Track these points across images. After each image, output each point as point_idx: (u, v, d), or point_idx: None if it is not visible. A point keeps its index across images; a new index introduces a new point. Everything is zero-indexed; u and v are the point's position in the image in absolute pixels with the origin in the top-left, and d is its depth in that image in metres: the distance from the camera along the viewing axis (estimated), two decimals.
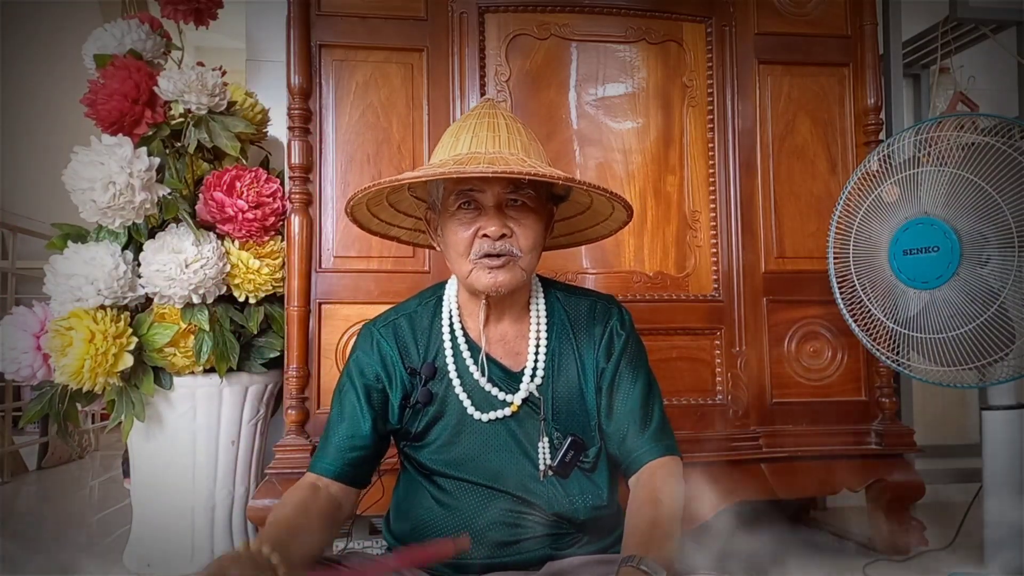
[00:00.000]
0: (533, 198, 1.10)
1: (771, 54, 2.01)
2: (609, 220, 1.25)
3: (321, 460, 1.13)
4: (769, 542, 1.69)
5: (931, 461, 2.32)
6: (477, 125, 1.10)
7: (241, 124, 1.88)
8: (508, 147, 1.08)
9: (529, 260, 1.11)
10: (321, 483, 1.11)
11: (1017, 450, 1.57)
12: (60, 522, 2.37)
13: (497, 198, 1.08)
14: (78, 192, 1.73)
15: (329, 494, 1.10)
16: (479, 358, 1.15)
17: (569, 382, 1.16)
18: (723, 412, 1.93)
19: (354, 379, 1.16)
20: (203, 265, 1.75)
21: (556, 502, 1.11)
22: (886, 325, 1.64)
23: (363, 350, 1.18)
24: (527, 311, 1.18)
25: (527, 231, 1.09)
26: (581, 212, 1.25)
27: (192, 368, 1.81)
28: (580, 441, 1.12)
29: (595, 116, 1.93)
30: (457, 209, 1.09)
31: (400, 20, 1.88)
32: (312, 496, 1.08)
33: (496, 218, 1.07)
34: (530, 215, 1.10)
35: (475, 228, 1.08)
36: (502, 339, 1.17)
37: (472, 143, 1.08)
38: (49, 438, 3.26)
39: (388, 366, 1.16)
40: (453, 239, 1.10)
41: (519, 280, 1.10)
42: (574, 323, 1.19)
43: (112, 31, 1.92)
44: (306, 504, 1.06)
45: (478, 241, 1.08)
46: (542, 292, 1.20)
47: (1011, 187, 1.43)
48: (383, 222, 1.28)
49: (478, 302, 1.15)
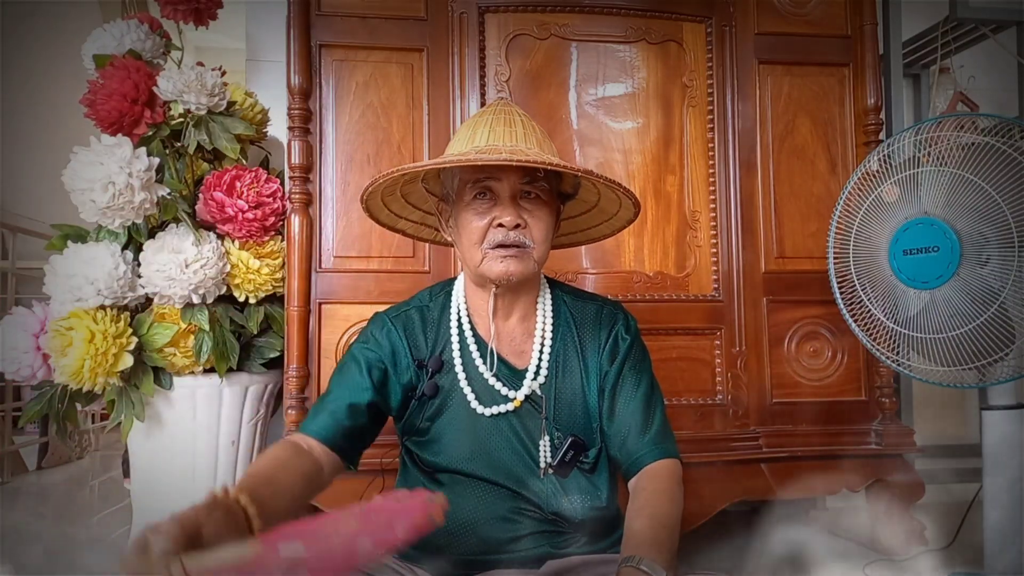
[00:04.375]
0: (546, 191, 1.12)
1: (771, 54, 2.02)
2: (614, 219, 1.27)
3: (313, 422, 1.10)
4: (769, 542, 1.69)
5: (931, 461, 2.32)
6: (494, 120, 1.13)
7: (241, 125, 1.88)
8: (524, 142, 1.10)
9: (540, 252, 1.12)
10: (307, 444, 1.08)
11: (1017, 450, 1.57)
12: (60, 522, 2.37)
13: (513, 189, 1.10)
14: (78, 192, 1.72)
15: (313, 458, 1.06)
16: (486, 353, 1.16)
17: (572, 383, 1.17)
18: (723, 412, 1.93)
19: (358, 355, 1.16)
20: (203, 265, 1.75)
21: (554, 500, 1.12)
22: (886, 325, 1.64)
23: (373, 334, 1.19)
24: (534, 310, 1.19)
25: (540, 223, 1.11)
26: (586, 211, 1.27)
27: (192, 368, 1.81)
28: (580, 442, 1.13)
29: (595, 116, 1.94)
30: (473, 199, 1.11)
31: (400, 20, 1.88)
32: (296, 454, 1.05)
33: (512, 208, 1.09)
34: (543, 208, 1.12)
35: (490, 218, 1.10)
36: (509, 336, 1.18)
37: (490, 136, 1.11)
38: (49, 438, 3.26)
39: (396, 353, 1.17)
40: (467, 228, 1.12)
41: (530, 271, 1.11)
42: (579, 326, 1.20)
43: (112, 31, 1.92)
44: (289, 461, 1.02)
45: (492, 231, 1.10)
46: (549, 293, 1.21)
47: (1011, 187, 1.43)
48: (392, 213, 1.29)
49: (487, 296, 1.16)
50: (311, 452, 1.07)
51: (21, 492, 2.91)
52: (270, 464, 1.00)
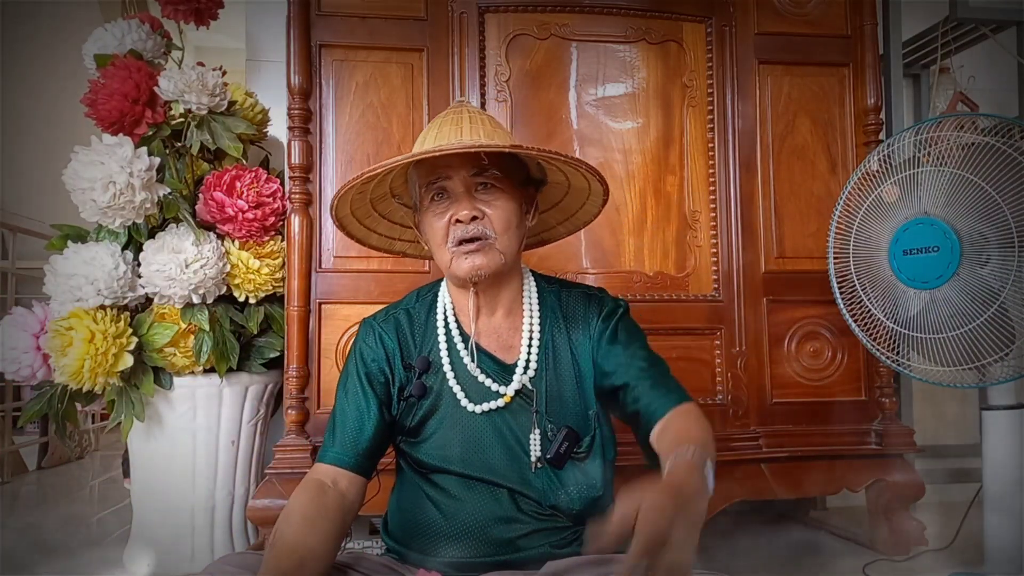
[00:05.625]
0: (501, 179, 1.12)
1: (771, 54, 2.01)
2: (592, 197, 1.25)
3: (331, 450, 1.13)
4: (769, 542, 1.69)
5: (931, 461, 2.32)
6: (442, 123, 1.15)
7: (242, 124, 1.88)
8: (470, 135, 1.11)
9: (506, 242, 1.12)
10: (329, 478, 1.10)
11: (1017, 450, 1.57)
12: (60, 522, 2.37)
13: (465, 183, 1.11)
14: (78, 192, 1.73)
15: (338, 491, 1.09)
16: (471, 349, 1.16)
17: (563, 374, 1.17)
18: (723, 412, 1.92)
19: (359, 369, 1.17)
20: (203, 265, 1.75)
21: (551, 493, 1.11)
22: (886, 325, 1.64)
23: (366, 343, 1.20)
24: (520, 305, 1.20)
25: (499, 212, 1.11)
26: (565, 193, 1.27)
27: (192, 368, 1.81)
28: (574, 433, 1.13)
29: (595, 116, 1.94)
30: (431, 202, 1.13)
31: (400, 20, 1.88)
32: (320, 499, 1.06)
33: (465, 201, 1.10)
34: (500, 196, 1.12)
35: (448, 216, 1.11)
36: (495, 332, 1.18)
37: (437, 138, 1.12)
38: (49, 438, 3.26)
39: (390, 358, 1.18)
40: (431, 230, 1.14)
41: (497, 262, 1.12)
42: (568, 316, 1.20)
43: (112, 31, 1.92)
44: (314, 516, 1.03)
45: (452, 228, 1.11)
46: (535, 286, 1.22)
47: (1011, 187, 1.43)
48: (383, 236, 1.32)
49: (468, 294, 1.17)
50: (336, 486, 1.09)
51: (21, 492, 2.92)
52: (296, 532, 1.00)
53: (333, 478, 1.10)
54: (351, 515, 1.11)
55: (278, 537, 1.00)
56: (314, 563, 0.98)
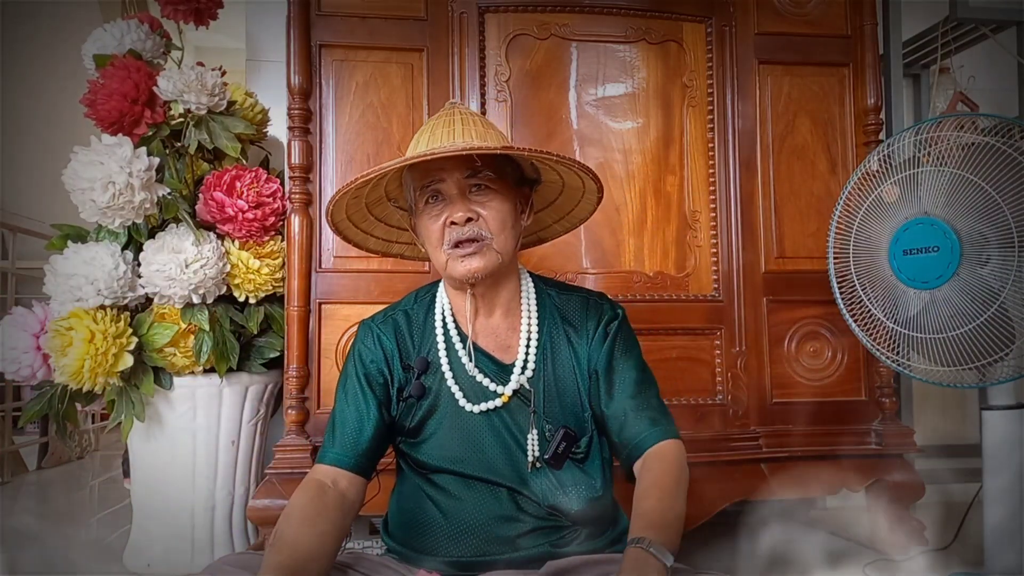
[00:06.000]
0: (495, 180, 1.13)
1: (771, 54, 2.01)
2: (587, 195, 1.26)
3: (330, 451, 1.13)
4: (769, 542, 1.69)
5: (931, 461, 2.32)
6: (435, 126, 1.15)
7: (241, 124, 1.88)
8: (462, 137, 1.11)
9: (502, 242, 1.13)
10: (329, 479, 1.10)
11: (1017, 450, 1.57)
12: (60, 522, 2.37)
13: (459, 185, 1.11)
14: (78, 192, 1.73)
15: (338, 492, 1.09)
16: (469, 349, 1.17)
17: (561, 375, 1.17)
18: (723, 412, 1.93)
19: (358, 371, 1.18)
20: (203, 265, 1.75)
21: (550, 493, 1.12)
22: (886, 325, 1.64)
23: (364, 344, 1.20)
24: (518, 305, 1.20)
25: (494, 212, 1.12)
26: (560, 192, 1.27)
27: (192, 368, 1.81)
28: (572, 433, 1.13)
29: (595, 116, 1.94)
30: (425, 205, 1.14)
31: (400, 20, 1.88)
32: (320, 500, 1.07)
33: (460, 203, 1.11)
34: (495, 197, 1.13)
35: (443, 218, 1.12)
36: (493, 332, 1.19)
37: (430, 141, 1.12)
38: (49, 438, 3.26)
39: (389, 359, 1.18)
40: (427, 233, 1.15)
41: (494, 263, 1.12)
42: (566, 318, 1.20)
43: (112, 31, 1.92)
44: (314, 517, 1.04)
45: (448, 231, 1.12)
46: (533, 287, 1.22)
47: (1011, 187, 1.43)
48: (380, 239, 1.33)
49: (465, 295, 1.17)
50: (336, 487, 1.10)
51: (21, 492, 2.91)
52: (295, 533, 1.01)
53: (333, 478, 1.11)
54: (351, 515, 1.11)
55: (278, 537, 1.01)
56: (314, 563, 0.98)
